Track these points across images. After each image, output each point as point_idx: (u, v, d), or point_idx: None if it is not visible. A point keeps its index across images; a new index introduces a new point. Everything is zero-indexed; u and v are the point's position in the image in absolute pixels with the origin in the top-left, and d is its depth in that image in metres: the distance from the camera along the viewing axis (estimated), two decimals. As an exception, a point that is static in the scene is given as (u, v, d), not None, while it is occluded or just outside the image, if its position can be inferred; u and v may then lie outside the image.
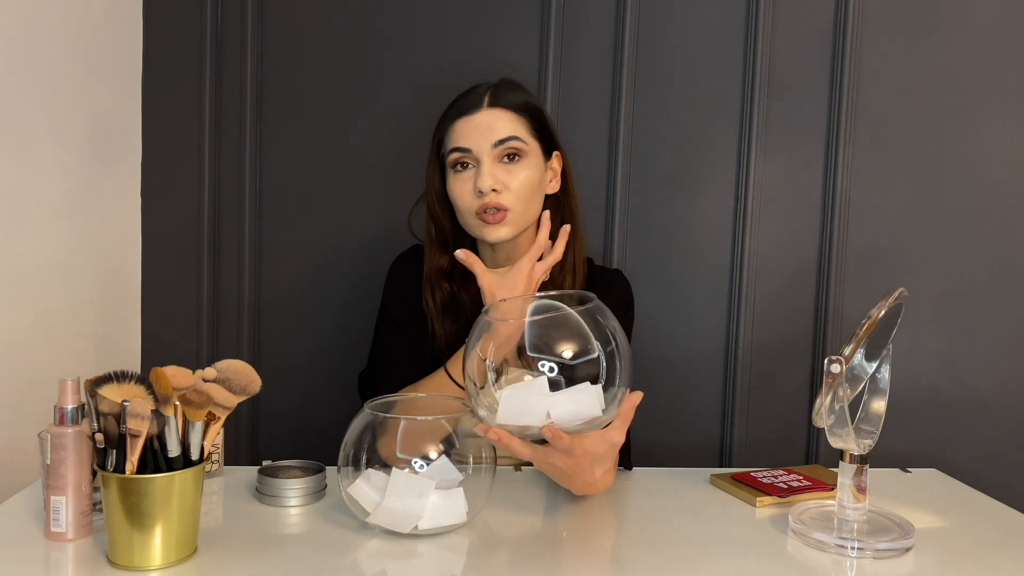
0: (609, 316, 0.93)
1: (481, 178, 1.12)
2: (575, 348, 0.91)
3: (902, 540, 0.92)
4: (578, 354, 0.91)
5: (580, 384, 0.89)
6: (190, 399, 0.84)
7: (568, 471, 0.95)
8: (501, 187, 1.13)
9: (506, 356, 0.95)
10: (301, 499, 1.02)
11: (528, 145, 1.15)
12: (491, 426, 0.90)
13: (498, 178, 1.12)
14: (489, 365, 0.93)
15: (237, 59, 1.54)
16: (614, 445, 0.93)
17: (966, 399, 1.56)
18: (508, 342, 0.94)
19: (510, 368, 0.95)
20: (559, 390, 0.89)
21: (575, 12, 1.53)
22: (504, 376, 0.94)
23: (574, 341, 0.91)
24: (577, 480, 0.98)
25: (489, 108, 1.14)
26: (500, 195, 1.13)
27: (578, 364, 0.90)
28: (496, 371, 0.94)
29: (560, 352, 0.91)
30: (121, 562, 0.83)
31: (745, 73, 1.53)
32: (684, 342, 1.57)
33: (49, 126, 1.30)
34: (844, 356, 0.90)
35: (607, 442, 0.92)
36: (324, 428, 1.46)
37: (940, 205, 1.54)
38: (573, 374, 0.90)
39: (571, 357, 0.91)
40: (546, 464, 0.94)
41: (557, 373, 0.90)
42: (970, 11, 1.52)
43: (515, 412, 0.89)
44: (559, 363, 0.90)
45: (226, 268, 1.57)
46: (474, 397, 0.94)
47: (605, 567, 0.90)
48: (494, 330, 0.95)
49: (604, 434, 0.92)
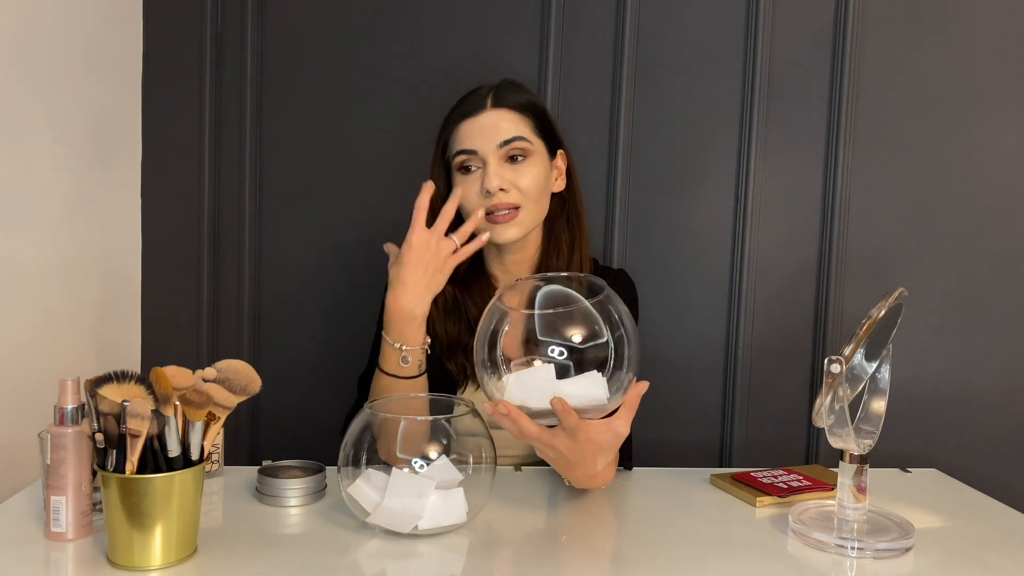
0: (618, 302, 0.94)
1: (488, 179, 1.12)
2: (584, 332, 0.92)
3: (902, 540, 0.92)
4: (587, 338, 0.91)
5: (588, 372, 0.90)
6: (190, 399, 0.84)
7: (571, 458, 0.94)
8: (509, 186, 1.13)
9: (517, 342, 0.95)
10: (301, 499, 1.02)
11: (533, 144, 1.15)
12: (502, 401, 0.90)
13: (505, 178, 1.13)
14: (499, 352, 0.94)
15: (237, 59, 1.54)
16: (619, 436, 0.93)
17: (966, 399, 1.56)
18: (521, 330, 0.95)
19: (518, 355, 0.95)
20: (566, 378, 0.90)
21: (575, 12, 1.53)
22: (513, 361, 0.94)
23: (583, 326, 0.92)
24: (579, 470, 0.98)
25: (493, 109, 1.14)
26: (509, 194, 1.13)
27: (587, 348, 0.91)
28: (505, 358, 0.94)
29: (569, 336, 0.91)
30: (121, 562, 0.83)
31: (745, 73, 1.53)
32: (684, 342, 1.57)
33: (49, 126, 1.30)
34: (844, 356, 0.90)
35: (612, 432, 0.93)
36: (324, 428, 1.46)
37: (940, 205, 1.54)
38: (582, 358, 0.91)
39: (580, 341, 0.91)
40: (550, 449, 0.94)
41: (566, 358, 0.91)
42: (970, 11, 1.51)
43: (522, 396, 0.90)
44: (568, 347, 0.91)
45: (226, 268, 1.57)
46: (484, 382, 0.95)
47: (605, 567, 0.90)
48: (507, 318, 0.95)
49: (609, 424, 0.92)
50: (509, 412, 0.89)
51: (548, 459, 0.97)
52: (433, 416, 0.97)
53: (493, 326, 0.95)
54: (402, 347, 1.10)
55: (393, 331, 1.11)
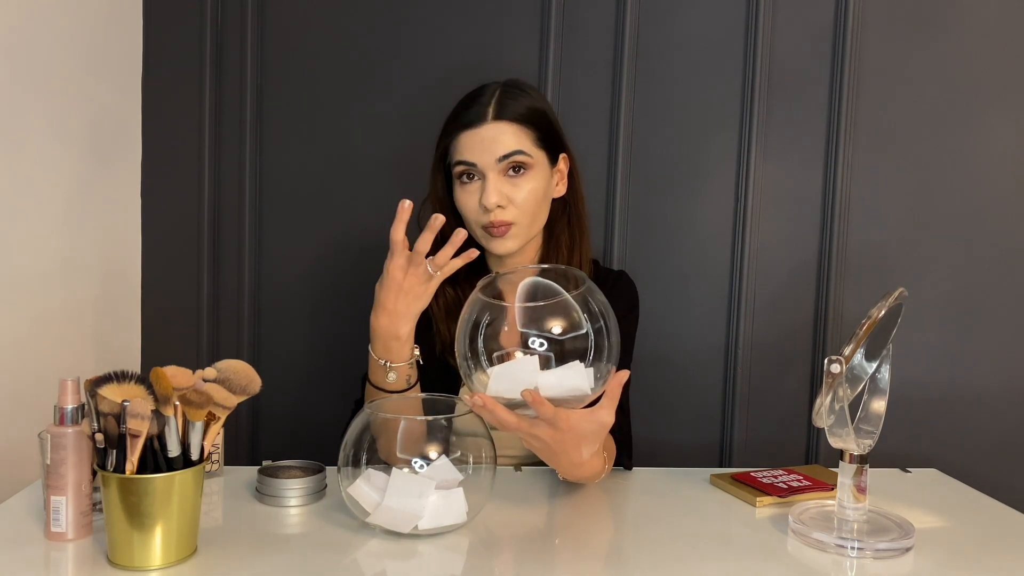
0: (598, 294, 0.95)
1: (486, 195, 1.13)
2: (564, 324, 0.92)
3: (902, 540, 0.92)
4: (567, 330, 0.92)
5: (570, 363, 0.91)
6: (190, 399, 0.84)
7: (554, 446, 0.94)
8: (506, 202, 1.14)
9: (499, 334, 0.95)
10: (301, 499, 1.02)
11: (533, 158, 1.15)
12: (477, 393, 0.90)
13: (503, 193, 1.13)
14: (480, 345, 0.94)
15: (237, 59, 1.54)
16: (603, 425, 0.94)
17: (966, 399, 1.56)
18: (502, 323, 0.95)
19: (500, 346, 0.95)
20: (548, 369, 0.91)
21: (575, 12, 1.53)
22: (495, 354, 0.94)
23: (564, 317, 0.93)
24: (564, 459, 0.98)
25: (494, 122, 1.14)
26: (505, 211, 1.14)
27: (567, 339, 0.92)
28: (487, 350, 0.95)
29: (550, 328, 0.92)
30: (121, 562, 0.83)
31: (745, 73, 1.53)
32: (684, 342, 1.57)
33: (49, 126, 1.30)
34: (844, 356, 0.90)
35: (595, 421, 0.93)
36: (324, 428, 1.46)
37: (940, 205, 1.54)
38: (563, 349, 0.92)
39: (560, 333, 0.92)
40: (533, 439, 0.94)
41: (547, 349, 0.91)
42: (970, 11, 1.51)
43: (504, 387, 0.90)
44: (548, 338, 0.92)
45: (226, 268, 1.57)
46: (467, 375, 0.95)
47: (605, 567, 0.90)
48: (488, 311, 0.95)
49: (592, 412, 0.93)
50: (485, 403, 0.89)
51: (534, 449, 0.97)
52: (433, 416, 0.97)
53: (474, 318, 0.95)
54: (387, 363, 1.11)
55: (378, 348, 1.11)
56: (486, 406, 0.89)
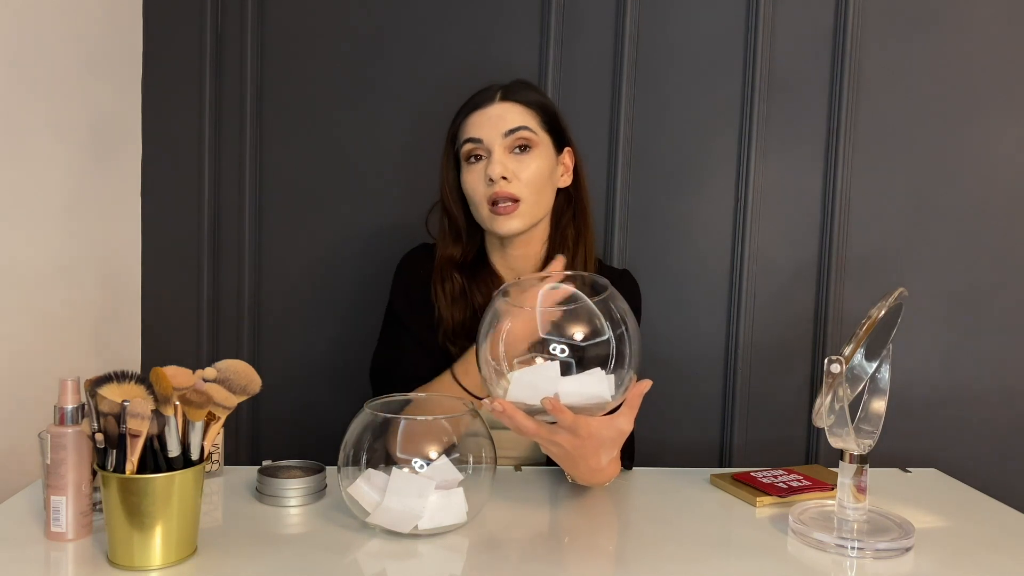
0: (620, 300, 0.94)
1: (492, 166, 1.14)
2: (586, 330, 0.92)
3: (902, 540, 0.92)
4: (589, 336, 0.92)
5: (590, 370, 0.90)
6: (190, 399, 0.84)
7: (574, 453, 0.95)
8: (511, 175, 1.15)
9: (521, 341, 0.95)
10: (301, 499, 1.02)
11: (538, 136, 1.17)
12: (497, 398, 0.90)
13: (508, 167, 1.14)
14: (501, 350, 0.94)
15: (237, 59, 1.54)
16: (622, 432, 0.94)
17: (966, 399, 1.56)
18: (524, 328, 0.95)
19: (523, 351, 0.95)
20: (569, 375, 0.90)
21: (575, 12, 1.53)
22: (516, 359, 0.94)
23: (585, 323, 0.92)
24: (583, 465, 0.98)
25: (501, 102, 1.18)
26: (510, 184, 1.14)
27: (588, 345, 0.91)
28: (508, 355, 0.95)
29: (571, 334, 0.92)
30: (121, 562, 0.83)
31: (745, 73, 1.53)
32: (684, 342, 1.57)
33: (49, 126, 1.30)
34: (844, 356, 0.90)
35: (614, 428, 0.93)
36: (324, 428, 1.46)
37: (940, 205, 1.54)
38: (584, 355, 0.91)
39: (582, 339, 0.91)
40: (552, 445, 0.94)
41: (568, 355, 0.91)
42: (970, 11, 1.51)
43: (525, 393, 0.90)
44: (570, 345, 0.91)
45: (226, 268, 1.57)
46: (488, 380, 0.95)
47: (605, 567, 0.90)
48: (510, 316, 0.95)
49: (612, 420, 0.92)
50: (505, 409, 0.89)
51: (552, 455, 0.97)
52: (433, 416, 0.97)
53: (496, 323, 0.95)
54: None
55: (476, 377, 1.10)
56: (506, 412, 0.89)
